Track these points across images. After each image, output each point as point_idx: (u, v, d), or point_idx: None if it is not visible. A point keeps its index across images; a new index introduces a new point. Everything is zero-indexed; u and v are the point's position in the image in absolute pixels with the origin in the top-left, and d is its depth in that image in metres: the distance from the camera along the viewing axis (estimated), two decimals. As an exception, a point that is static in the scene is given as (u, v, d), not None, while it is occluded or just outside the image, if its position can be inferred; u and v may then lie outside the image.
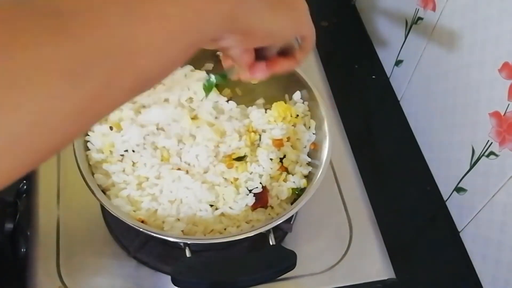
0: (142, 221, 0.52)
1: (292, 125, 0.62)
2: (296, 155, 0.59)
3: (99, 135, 0.56)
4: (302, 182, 0.57)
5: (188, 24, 0.28)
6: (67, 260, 0.58)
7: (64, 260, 0.58)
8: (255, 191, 0.56)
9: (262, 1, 0.35)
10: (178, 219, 0.54)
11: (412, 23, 0.79)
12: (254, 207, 0.55)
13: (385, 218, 0.67)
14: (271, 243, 0.52)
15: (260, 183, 0.57)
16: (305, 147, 0.61)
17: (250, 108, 0.63)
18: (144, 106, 0.60)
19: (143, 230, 0.50)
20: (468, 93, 0.67)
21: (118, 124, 0.58)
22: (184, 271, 0.49)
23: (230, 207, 0.55)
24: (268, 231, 0.52)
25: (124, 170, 0.55)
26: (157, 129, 0.58)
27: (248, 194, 0.56)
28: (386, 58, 0.89)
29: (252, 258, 0.51)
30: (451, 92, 0.71)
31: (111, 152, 0.56)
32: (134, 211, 0.53)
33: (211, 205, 0.55)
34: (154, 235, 0.50)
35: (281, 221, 0.52)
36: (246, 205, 0.55)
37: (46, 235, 0.60)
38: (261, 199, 0.56)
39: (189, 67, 0.62)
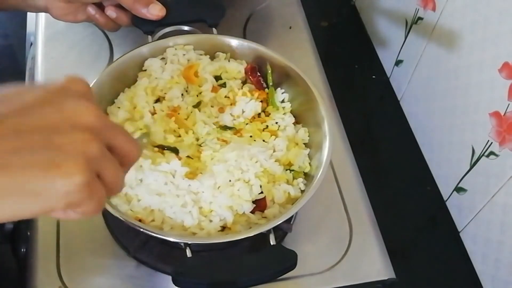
0: (140, 220, 0.52)
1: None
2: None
3: None
4: (298, 195, 0.57)
5: None
6: (67, 260, 0.58)
7: (64, 260, 0.58)
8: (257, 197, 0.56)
9: None
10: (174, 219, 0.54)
11: (412, 23, 0.79)
12: (252, 211, 0.55)
13: (385, 218, 0.67)
14: (271, 243, 0.52)
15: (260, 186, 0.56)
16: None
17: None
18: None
19: (144, 230, 0.50)
20: (468, 93, 0.67)
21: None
22: (185, 271, 0.49)
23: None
24: (269, 231, 0.52)
25: None
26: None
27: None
28: (386, 58, 0.89)
29: (252, 258, 0.51)
30: (451, 92, 0.71)
31: None
32: (131, 210, 0.53)
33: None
34: (155, 235, 0.50)
35: (281, 221, 0.52)
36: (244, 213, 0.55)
37: (46, 235, 0.60)
38: (259, 204, 0.55)
39: None
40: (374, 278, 0.61)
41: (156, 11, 0.63)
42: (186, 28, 0.68)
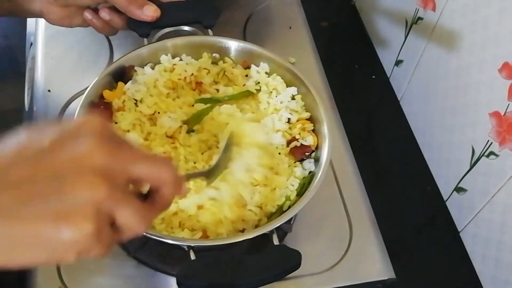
0: None
1: None
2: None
3: None
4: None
5: None
6: (67, 260, 0.58)
7: (64, 260, 0.58)
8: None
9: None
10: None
11: (412, 23, 0.79)
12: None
13: (385, 218, 0.67)
14: (275, 243, 0.52)
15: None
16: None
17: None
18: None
19: (146, 234, 0.50)
20: (468, 93, 0.67)
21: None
22: (190, 274, 0.48)
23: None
24: (272, 231, 0.52)
25: None
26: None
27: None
28: (386, 58, 0.89)
29: (257, 258, 0.51)
30: (451, 92, 0.71)
31: None
32: None
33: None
34: (158, 238, 0.50)
35: (283, 222, 0.52)
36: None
37: (46, 235, 0.60)
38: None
39: None
40: (374, 278, 0.61)
41: (150, 12, 0.62)
42: (186, 28, 0.68)
